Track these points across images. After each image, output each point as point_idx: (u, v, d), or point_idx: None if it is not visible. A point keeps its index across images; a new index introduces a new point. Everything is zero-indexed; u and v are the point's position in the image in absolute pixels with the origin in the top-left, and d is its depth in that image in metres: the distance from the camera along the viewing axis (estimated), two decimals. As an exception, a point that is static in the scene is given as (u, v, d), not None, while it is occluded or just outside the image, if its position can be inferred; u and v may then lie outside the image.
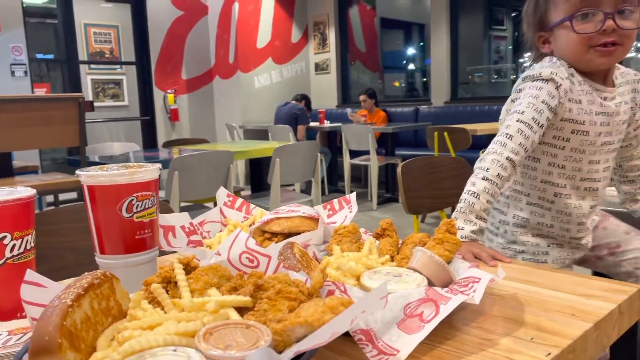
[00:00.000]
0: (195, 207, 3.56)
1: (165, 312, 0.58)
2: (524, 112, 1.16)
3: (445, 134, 4.50)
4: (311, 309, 0.54)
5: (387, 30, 9.57)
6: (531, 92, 1.18)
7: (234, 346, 0.48)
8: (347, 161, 5.88)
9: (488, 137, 2.16)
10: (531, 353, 0.59)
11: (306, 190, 6.05)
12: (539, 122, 1.15)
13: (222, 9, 7.52)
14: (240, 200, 1.06)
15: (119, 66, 8.28)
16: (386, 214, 5.32)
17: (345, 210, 1.00)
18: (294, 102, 6.73)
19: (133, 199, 0.75)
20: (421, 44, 9.97)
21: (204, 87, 7.80)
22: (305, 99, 6.87)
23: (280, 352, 0.50)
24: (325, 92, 8.14)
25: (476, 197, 1.09)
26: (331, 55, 8.00)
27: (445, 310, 0.61)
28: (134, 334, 0.52)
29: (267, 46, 7.69)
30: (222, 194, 1.06)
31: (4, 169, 2.77)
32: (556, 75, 1.17)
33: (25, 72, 5.82)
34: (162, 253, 0.97)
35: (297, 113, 6.48)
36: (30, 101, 2.53)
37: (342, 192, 6.18)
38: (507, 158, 1.13)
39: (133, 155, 4.03)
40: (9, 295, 0.73)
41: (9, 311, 0.73)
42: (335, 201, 1.03)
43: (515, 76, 9.09)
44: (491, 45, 9.63)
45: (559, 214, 1.29)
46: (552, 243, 1.33)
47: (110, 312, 0.58)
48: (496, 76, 9.35)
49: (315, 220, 0.90)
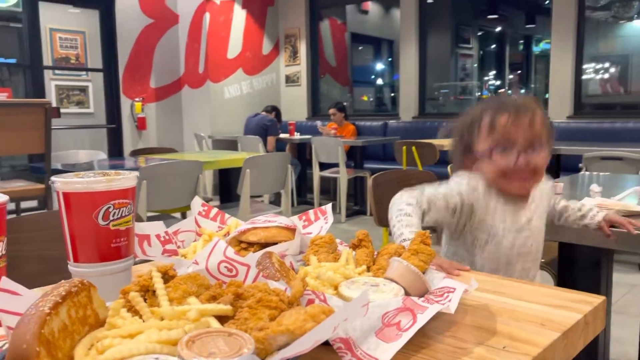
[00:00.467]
0: (162, 218, 3.50)
1: (144, 321, 0.58)
2: (439, 189, 1.31)
3: (414, 148, 4.58)
4: (293, 317, 0.55)
5: (357, 45, 9.71)
6: (451, 182, 1.35)
7: (217, 354, 0.49)
8: (316, 173, 5.90)
9: (456, 152, 2.21)
10: (504, 361, 0.61)
11: (275, 201, 6.03)
12: (447, 199, 1.28)
13: (193, 18, 7.48)
14: (215, 210, 1.06)
15: (84, 72, 8.12)
16: (355, 226, 5.35)
17: (321, 221, 1.01)
18: (264, 113, 6.73)
19: (110, 207, 0.74)
20: (390, 59, 10.14)
21: (173, 96, 7.72)
22: (275, 110, 6.88)
23: (262, 360, 0.51)
24: (295, 105, 8.16)
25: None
26: (302, 67, 8.04)
27: (423, 319, 0.62)
28: (113, 342, 0.51)
29: (238, 57, 7.68)
30: (197, 203, 1.06)
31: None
32: (476, 183, 1.33)
33: (-13, 76, 5.64)
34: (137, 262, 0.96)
35: (267, 124, 6.48)
36: (-5, 106, 2.46)
37: (311, 204, 6.19)
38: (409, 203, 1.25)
39: (98, 164, 3.95)
40: (-23, 304, 0.71)
41: (-23, 320, 0.71)
42: (311, 212, 1.04)
43: (480, 93, 9.35)
44: (458, 63, 9.88)
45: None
46: None
47: (87, 320, 0.57)
48: (462, 93, 9.58)
49: (292, 230, 0.91)
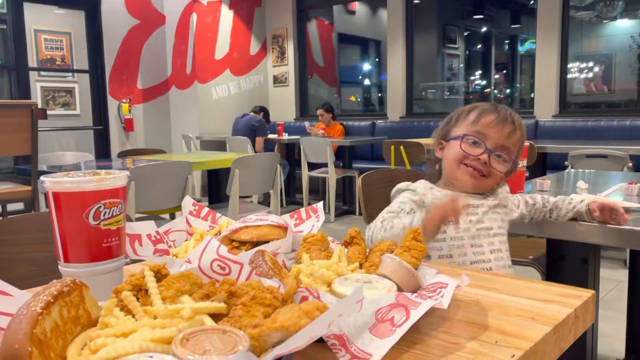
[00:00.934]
0: (151, 219, 3.47)
1: (137, 320, 0.57)
2: (392, 207, 1.37)
3: (402, 147, 4.60)
4: (287, 314, 0.55)
5: (344, 45, 9.72)
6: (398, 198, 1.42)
7: (212, 351, 0.48)
8: (305, 173, 5.90)
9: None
10: (497, 355, 0.62)
11: (264, 202, 6.02)
12: (403, 208, 1.35)
13: (179, 19, 7.45)
14: (206, 210, 1.06)
15: (70, 74, 8.04)
16: (343, 225, 5.36)
17: (313, 220, 1.01)
18: (252, 114, 6.71)
19: (101, 206, 0.74)
20: (377, 59, 10.17)
21: (160, 97, 7.68)
22: (263, 110, 6.87)
23: (257, 357, 0.51)
24: (283, 105, 8.16)
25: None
26: (289, 68, 8.04)
27: (416, 315, 0.62)
28: (107, 341, 0.51)
29: (225, 58, 7.66)
30: (188, 203, 1.05)
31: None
32: (414, 187, 1.42)
33: (-30, 77, 5.57)
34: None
35: (255, 125, 6.46)
36: (-21, 107, 2.43)
37: (300, 204, 6.19)
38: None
39: (85, 165, 3.91)
40: (-34, 306, 0.70)
41: (-34, 322, 0.70)
42: (302, 210, 1.04)
43: (466, 93, 9.41)
44: (444, 63, 9.94)
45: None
46: None
47: (79, 320, 0.57)
48: (448, 92, 9.64)
49: (284, 228, 0.91)
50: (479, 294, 0.84)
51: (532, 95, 6.10)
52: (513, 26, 10.14)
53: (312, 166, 5.99)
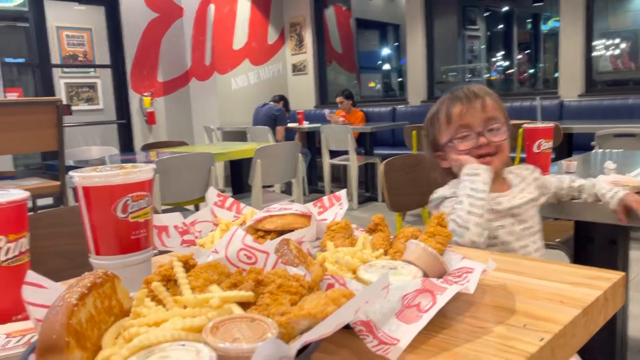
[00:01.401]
0: (176, 210, 3.53)
1: (168, 310, 0.58)
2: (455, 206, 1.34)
3: (423, 132, 4.55)
4: (314, 302, 0.55)
5: (362, 30, 9.64)
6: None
7: (241, 339, 0.49)
8: (326, 161, 5.90)
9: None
10: (525, 339, 0.62)
11: (286, 191, 6.05)
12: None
13: (197, 10, 7.47)
14: (230, 200, 1.07)
15: (92, 69, 8.16)
16: (367, 213, 5.36)
17: (336, 207, 1.02)
18: (272, 103, 6.72)
19: (128, 200, 0.75)
20: (396, 44, 10.06)
21: (181, 90, 7.74)
22: (283, 99, 6.87)
23: (286, 344, 0.52)
24: (302, 93, 8.15)
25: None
26: (308, 56, 8.01)
27: (442, 300, 0.62)
28: (140, 330, 0.52)
29: (244, 48, 7.67)
30: (212, 193, 1.07)
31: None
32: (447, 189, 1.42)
33: (-3, 76, 5.69)
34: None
35: (275, 114, 6.47)
36: (7, 105, 2.49)
37: (322, 193, 6.20)
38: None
39: (109, 159, 3.98)
40: (4, 299, 0.72)
41: (4, 314, 0.72)
42: (325, 198, 1.04)
43: (488, 75, 9.25)
44: (465, 45, 9.78)
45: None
46: None
47: (112, 310, 0.58)
48: (470, 75, 9.50)
49: (308, 217, 0.91)
50: (506, 278, 0.83)
51: (556, 75, 5.97)
52: (535, 4, 9.91)
53: (333, 154, 5.98)
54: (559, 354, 0.64)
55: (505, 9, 10.27)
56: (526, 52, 10.24)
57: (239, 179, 4.51)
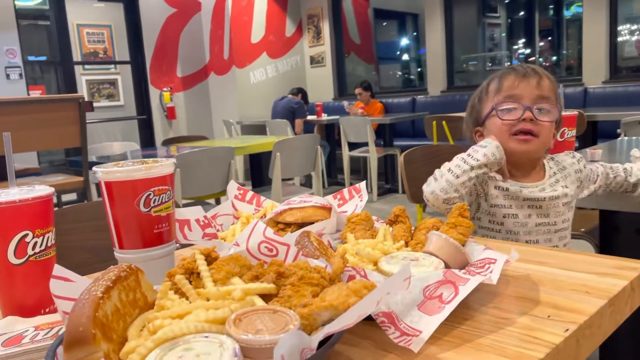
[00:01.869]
0: (197, 205, 3.56)
1: (191, 302, 0.59)
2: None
3: (444, 122, 4.51)
4: (335, 293, 0.55)
5: (380, 21, 9.56)
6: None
7: (264, 330, 0.50)
8: (346, 153, 5.89)
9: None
10: (549, 330, 0.61)
11: (305, 183, 6.06)
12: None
13: (215, 4, 7.49)
14: (250, 193, 1.08)
15: (113, 66, 8.26)
16: (387, 205, 5.34)
17: (356, 199, 1.02)
18: (290, 96, 6.72)
19: (150, 194, 0.76)
20: (415, 33, 9.96)
21: (200, 84, 7.79)
22: (301, 92, 6.87)
23: (308, 336, 0.52)
24: (321, 85, 8.13)
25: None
26: (326, 48, 7.99)
27: (464, 291, 0.62)
28: (164, 323, 0.53)
29: (262, 41, 7.68)
30: (233, 187, 1.07)
31: (4, 172, 2.76)
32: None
33: (20, 74, 5.80)
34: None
35: (294, 107, 6.48)
36: (31, 103, 2.53)
37: (342, 185, 6.19)
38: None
39: (131, 155, 4.03)
40: (32, 292, 0.74)
41: (33, 308, 0.74)
42: (345, 190, 1.04)
43: (509, 63, 9.10)
44: (485, 33, 9.63)
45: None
46: None
47: (137, 303, 0.59)
48: (491, 63, 9.35)
49: (328, 209, 0.91)
50: (530, 268, 0.82)
51: (579, 61, 5.85)
52: (557, -10, 9.70)
53: (352, 146, 5.96)
54: (584, 345, 0.63)
55: (526, -5, 10.07)
56: (548, 38, 10.03)
57: (258, 172, 4.53)
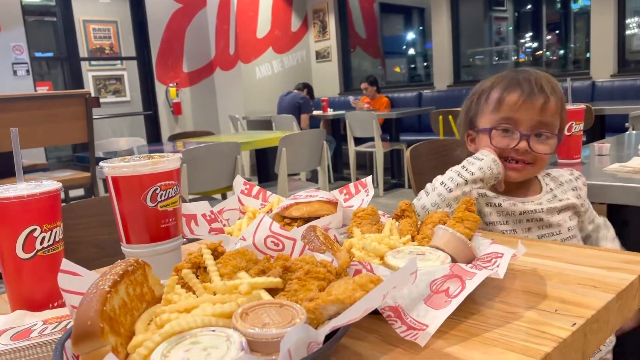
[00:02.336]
0: (204, 200, 3.57)
1: (197, 296, 0.59)
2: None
3: (450, 117, 4.49)
4: (342, 287, 0.55)
5: (386, 15, 9.51)
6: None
7: (271, 324, 0.50)
8: (352, 148, 5.88)
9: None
10: (557, 324, 0.61)
11: (311, 179, 6.06)
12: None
13: (220, 0, 7.49)
14: (257, 188, 1.08)
15: (119, 62, 8.28)
16: (393, 199, 5.33)
17: (362, 194, 1.01)
18: (296, 91, 6.72)
19: (157, 189, 0.76)
20: (421, 28, 9.91)
21: (206, 80, 7.80)
22: (307, 87, 6.86)
23: (314, 329, 0.52)
24: (327, 80, 8.11)
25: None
26: (332, 42, 7.96)
27: (471, 285, 0.62)
28: (171, 317, 0.53)
29: (267, 36, 7.67)
30: (239, 182, 1.07)
31: (11, 167, 2.78)
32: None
33: (28, 70, 5.83)
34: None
35: (300, 102, 6.47)
36: (38, 99, 2.55)
37: (348, 180, 6.19)
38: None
39: (137, 150, 4.05)
40: (40, 287, 0.74)
41: (42, 302, 0.75)
42: (351, 185, 1.04)
43: (516, 57, 9.04)
44: (492, 27, 9.57)
45: None
46: None
47: (144, 297, 0.59)
48: (497, 58, 9.29)
49: (334, 204, 0.91)
50: (537, 263, 0.82)
51: (587, 55, 5.80)
52: (564, -17, 9.61)
53: (358, 141, 5.96)
54: (592, 339, 0.62)
55: (533, -12, 9.99)
56: (556, 32, 9.95)
57: (264, 167, 4.53)
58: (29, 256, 0.73)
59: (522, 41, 9.86)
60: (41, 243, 0.74)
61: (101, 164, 0.77)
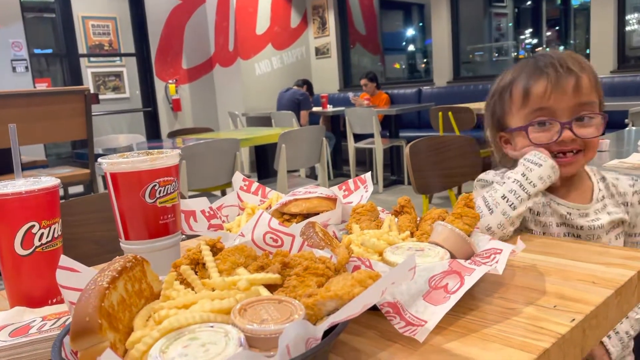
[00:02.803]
0: (203, 196, 3.57)
1: (196, 292, 0.59)
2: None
3: (450, 113, 4.49)
4: (340, 283, 0.55)
5: (386, 11, 9.50)
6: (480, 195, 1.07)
7: (269, 320, 0.50)
8: (351, 145, 5.88)
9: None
10: (555, 320, 0.61)
11: (311, 175, 6.06)
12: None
13: (220, -4, 7.48)
14: (256, 184, 1.08)
15: (118, 58, 8.26)
16: (392, 196, 5.33)
17: (361, 190, 1.01)
18: (295, 87, 6.71)
19: (155, 185, 0.76)
20: (421, 24, 9.90)
21: (205, 76, 7.78)
22: (307, 84, 6.86)
23: (313, 325, 0.52)
24: (326, 77, 8.10)
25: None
26: (331, 39, 7.95)
27: (470, 281, 0.62)
28: (170, 313, 0.53)
29: (267, 32, 7.65)
30: (238, 178, 1.07)
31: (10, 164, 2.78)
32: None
33: (27, 67, 5.81)
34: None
35: (299, 98, 6.47)
36: (37, 95, 2.54)
37: (348, 176, 6.19)
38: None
39: (137, 147, 4.05)
40: (39, 283, 0.74)
41: (40, 298, 0.75)
42: (351, 181, 1.04)
43: (516, 53, 9.03)
44: (492, 23, 9.56)
45: None
46: None
47: (143, 293, 0.59)
48: (497, 54, 9.29)
49: (333, 200, 0.91)
50: (536, 259, 0.82)
51: (587, 51, 5.79)
52: (565, -21, 9.60)
53: (358, 137, 5.95)
54: (590, 335, 0.62)
55: (533, -16, 9.97)
56: (555, 28, 9.94)
57: (264, 164, 4.53)
58: (27, 252, 0.73)
59: (522, 37, 9.85)
60: (40, 239, 0.73)
61: (100, 160, 0.77)
